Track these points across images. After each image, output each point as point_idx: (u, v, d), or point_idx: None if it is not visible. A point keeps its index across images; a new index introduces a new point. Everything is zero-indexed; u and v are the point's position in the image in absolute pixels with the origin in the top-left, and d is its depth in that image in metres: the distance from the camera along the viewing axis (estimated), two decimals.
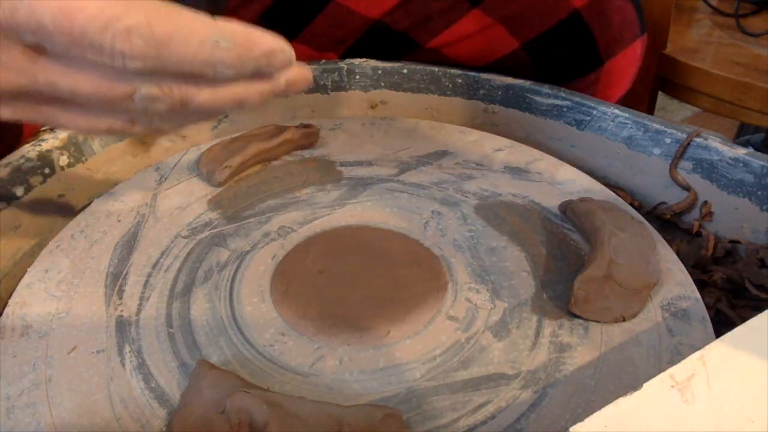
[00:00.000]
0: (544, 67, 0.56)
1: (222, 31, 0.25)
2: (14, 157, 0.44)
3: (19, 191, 0.44)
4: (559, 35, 0.54)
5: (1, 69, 0.25)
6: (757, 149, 0.44)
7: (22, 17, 0.24)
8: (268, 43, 0.26)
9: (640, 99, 0.93)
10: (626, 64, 0.58)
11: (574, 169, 0.47)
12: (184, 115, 0.29)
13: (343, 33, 0.59)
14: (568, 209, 0.42)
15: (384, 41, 0.59)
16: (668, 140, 0.47)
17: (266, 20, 0.60)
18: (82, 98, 0.26)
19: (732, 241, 0.43)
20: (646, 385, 0.23)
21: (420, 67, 0.57)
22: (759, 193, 0.42)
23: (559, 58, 0.56)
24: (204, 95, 0.27)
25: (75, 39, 0.24)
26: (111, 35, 0.23)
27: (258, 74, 0.27)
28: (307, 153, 0.50)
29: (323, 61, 0.58)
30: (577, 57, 0.56)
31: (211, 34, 0.25)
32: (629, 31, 0.56)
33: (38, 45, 0.25)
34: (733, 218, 0.44)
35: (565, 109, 0.52)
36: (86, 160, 0.48)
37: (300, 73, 0.29)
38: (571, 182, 0.46)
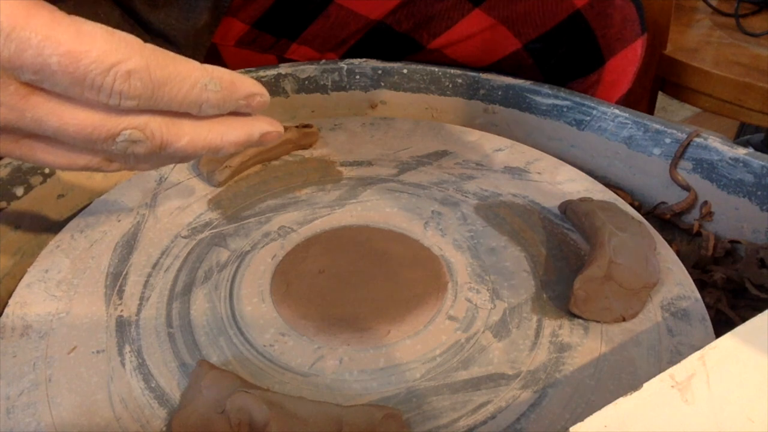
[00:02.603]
0: (546, 68, 0.56)
1: (211, 75, 0.28)
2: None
3: (19, 191, 0.44)
4: (560, 35, 0.54)
5: None
6: (757, 149, 0.44)
7: (28, 58, 0.24)
8: (249, 87, 0.29)
9: (640, 99, 0.93)
10: (627, 63, 0.58)
11: (574, 169, 0.47)
12: (161, 158, 0.31)
13: (344, 34, 0.59)
14: (568, 209, 0.42)
15: (386, 42, 0.59)
16: (668, 140, 0.47)
17: (267, 21, 0.60)
18: (65, 137, 0.27)
19: (732, 241, 0.43)
20: (646, 385, 0.23)
21: (420, 67, 0.57)
22: (759, 193, 0.42)
23: (561, 58, 0.56)
24: (183, 141, 0.29)
25: (77, 79, 0.25)
26: (112, 78, 0.25)
27: (236, 113, 0.30)
28: (307, 153, 0.50)
29: (323, 61, 0.58)
30: (578, 57, 0.56)
31: (201, 77, 0.27)
32: (630, 30, 0.56)
33: (34, 83, 0.26)
34: (733, 218, 0.44)
35: (565, 109, 0.52)
36: None
37: (274, 129, 0.32)
38: (571, 182, 0.46)
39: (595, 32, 0.55)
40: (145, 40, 0.27)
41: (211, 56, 0.63)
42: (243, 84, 0.29)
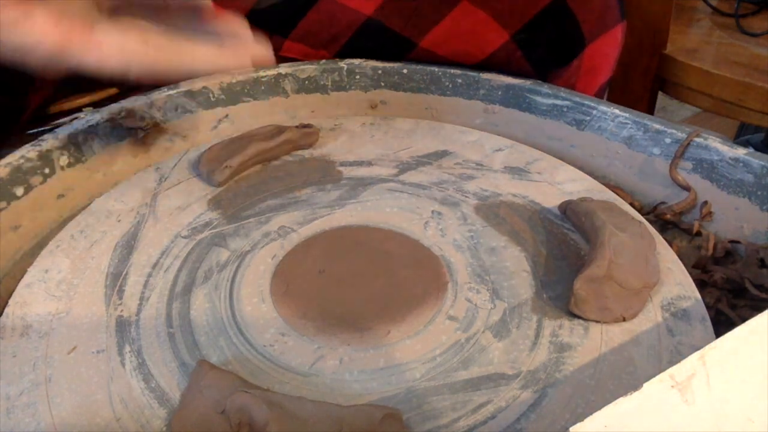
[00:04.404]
0: (534, 58, 0.57)
1: None
2: (14, 157, 0.44)
3: (19, 191, 0.44)
4: (544, 22, 0.55)
5: None
6: (757, 149, 0.44)
7: None
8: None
9: (640, 99, 0.93)
10: (608, 48, 0.59)
11: (574, 169, 0.47)
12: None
13: (335, 30, 0.59)
14: (568, 209, 0.42)
15: (378, 40, 0.59)
16: (668, 140, 0.47)
17: (257, 15, 0.60)
18: None
19: (732, 241, 0.43)
20: (646, 385, 0.23)
21: (420, 67, 0.57)
22: (759, 193, 0.42)
23: (547, 46, 0.56)
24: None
25: None
26: None
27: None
28: (307, 153, 0.50)
29: (323, 61, 0.58)
30: (562, 43, 0.57)
31: None
32: (610, 15, 0.58)
33: None
34: (733, 218, 0.44)
35: (565, 109, 0.52)
36: (86, 160, 0.48)
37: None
38: (571, 182, 0.46)
39: (577, 16, 0.55)
40: None
41: None
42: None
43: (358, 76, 0.58)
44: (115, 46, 0.32)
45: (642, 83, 0.92)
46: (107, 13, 0.34)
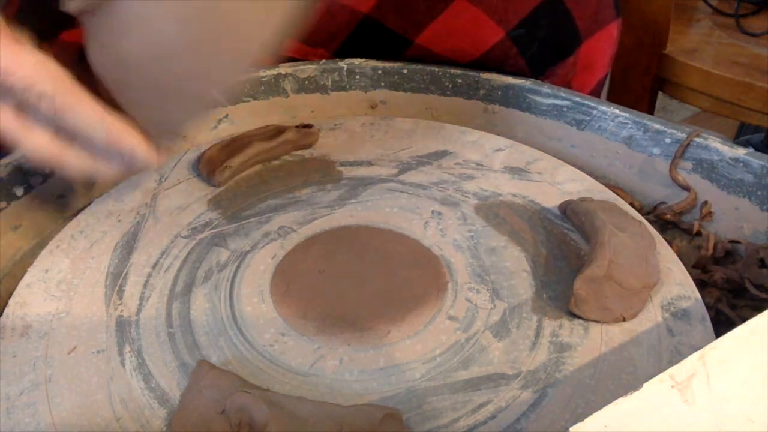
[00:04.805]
0: (529, 55, 0.57)
1: (103, 121, 0.34)
2: (14, 157, 0.44)
3: (19, 191, 0.44)
4: (539, 18, 0.55)
5: None
6: (757, 149, 0.44)
7: None
8: (132, 146, 0.35)
9: (640, 99, 0.93)
10: (603, 45, 0.59)
11: (574, 169, 0.47)
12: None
13: (333, 28, 0.59)
14: (568, 209, 0.42)
15: (375, 38, 0.59)
16: (668, 140, 0.47)
17: None
18: None
19: (732, 241, 0.43)
20: (646, 385, 0.23)
21: (420, 66, 0.57)
22: (759, 193, 0.42)
23: (542, 43, 0.56)
24: (68, 166, 0.35)
25: (6, 89, 0.32)
26: (28, 93, 0.32)
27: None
28: (307, 153, 0.50)
29: (323, 61, 0.58)
30: (558, 40, 0.57)
31: (95, 118, 0.34)
32: (605, 12, 0.58)
33: None
34: (733, 218, 0.44)
35: (565, 109, 0.52)
36: None
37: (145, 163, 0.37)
38: (571, 182, 0.46)
39: (572, 12, 0.55)
40: None
41: None
42: (128, 141, 0.35)
43: (358, 76, 0.58)
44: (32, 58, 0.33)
45: (642, 83, 0.92)
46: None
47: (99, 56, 0.35)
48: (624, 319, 0.34)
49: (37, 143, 0.34)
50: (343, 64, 0.58)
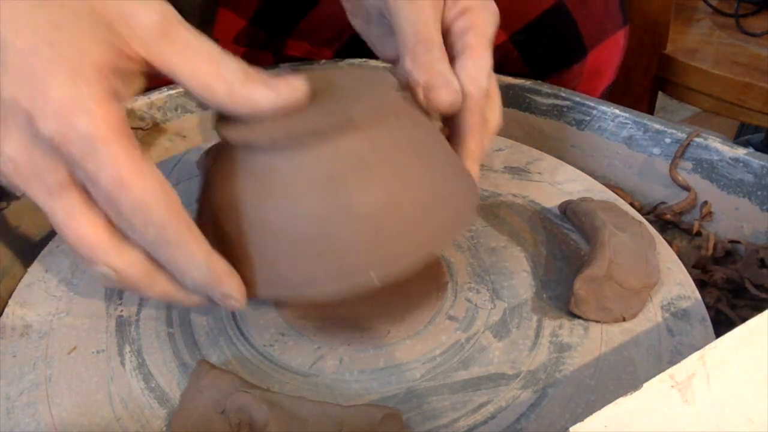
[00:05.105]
0: (530, 59, 0.56)
1: (207, 260, 0.28)
2: None
3: (19, 191, 0.44)
4: (543, 25, 0.55)
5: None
6: (757, 149, 0.44)
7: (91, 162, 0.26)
8: (231, 288, 0.29)
9: (640, 99, 0.93)
10: (610, 54, 0.58)
11: (574, 169, 0.47)
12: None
13: (338, 27, 0.59)
14: (568, 209, 0.42)
15: None
16: (668, 140, 0.47)
17: (264, 13, 0.60)
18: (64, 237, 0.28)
19: (732, 241, 0.43)
20: (646, 385, 0.23)
21: None
22: (759, 193, 0.42)
23: (545, 49, 0.56)
24: (152, 293, 0.30)
25: (112, 199, 0.27)
26: (135, 212, 0.27)
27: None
28: None
29: (323, 61, 0.58)
30: (561, 47, 0.56)
31: (199, 256, 0.28)
32: (612, 21, 0.57)
33: (78, 179, 0.27)
34: (733, 218, 0.44)
35: (565, 109, 0.52)
36: None
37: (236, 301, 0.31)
38: (571, 182, 0.46)
39: (577, 22, 0.55)
40: None
41: None
42: (228, 286, 0.29)
43: None
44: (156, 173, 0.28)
45: (642, 83, 0.92)
46: None
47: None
48: (624, 319, 0.34)
49: (127, 261, 0.28)
50: (343, 64, 0.57)
